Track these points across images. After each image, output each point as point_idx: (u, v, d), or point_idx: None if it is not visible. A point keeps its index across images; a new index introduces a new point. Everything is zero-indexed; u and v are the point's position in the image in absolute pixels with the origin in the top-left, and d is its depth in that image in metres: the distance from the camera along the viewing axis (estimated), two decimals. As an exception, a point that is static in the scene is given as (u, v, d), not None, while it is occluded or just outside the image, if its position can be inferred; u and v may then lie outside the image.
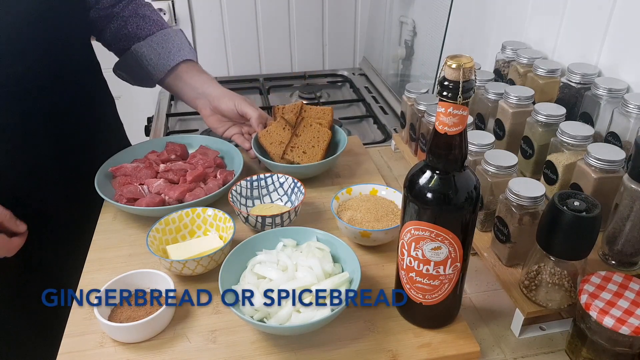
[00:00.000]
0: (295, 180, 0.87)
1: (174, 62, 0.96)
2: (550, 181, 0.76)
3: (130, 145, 1.07)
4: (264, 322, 0.64)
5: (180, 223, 0.80)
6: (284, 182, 0.89)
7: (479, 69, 1.02)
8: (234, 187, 0.86)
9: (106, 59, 1.02)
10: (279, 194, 0.89)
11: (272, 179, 0.89)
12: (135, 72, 0.99)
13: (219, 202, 0.88)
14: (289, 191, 0.88)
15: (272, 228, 0.79)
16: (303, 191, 0.85)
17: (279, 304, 0.64)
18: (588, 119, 0.79)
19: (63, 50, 0.83)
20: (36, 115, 0.81)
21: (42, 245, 0.87)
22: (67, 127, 0.87)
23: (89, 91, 0.94)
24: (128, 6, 0.97)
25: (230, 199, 0.83)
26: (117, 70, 1.01)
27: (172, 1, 1.68)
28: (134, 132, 1.56)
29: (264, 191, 0.89)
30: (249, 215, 0.79)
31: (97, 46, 1.00)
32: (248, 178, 0.88)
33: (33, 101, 0.80)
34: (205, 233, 0.81)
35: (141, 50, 0.96)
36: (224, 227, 0.79)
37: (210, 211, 0.81)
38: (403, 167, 1.08)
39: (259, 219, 0.79)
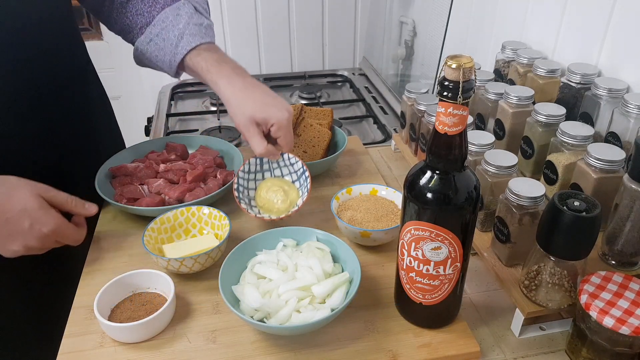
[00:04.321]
0: (304, 168, 0.84)
1: (179, 57, 0.85)
2: (550, 181, 0.76)
3: (125, 146, 1.07)
4: (264, 322, 0.64)
5: (175, 222, 0.80)
6: (294, 164, 0.86)
7: (479, 69, 1.02)
8: (241, 168, 0.84)
9: (104, 59, 1.02)
10: (289, 171, 0.87)
11: (282, 157, 0.85)
12: (153, 67, 0.91)
13: (219, 201, 0.88)
14: (299, 173, 0.86)
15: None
16: (309, 186, 0.83)
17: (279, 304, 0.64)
18: (588, 119, 0.79)
19: (53, 55, 0.82)
20: (31, 118, 0.80)
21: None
22: (64, 129, 0.86)
23: (84, 95, 0.93)
24: None
25: (235, 187, 0.83)
26: (139, 65, 0.95)
27: (172, 1, 1.68)
28: (134, 132, 1.56)
29: (274, 165, 0.86)
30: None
31: (94, 47, 0.99)
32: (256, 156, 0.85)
33: (28, 106, 0.79)
34: (200, 231, 0.82)
35: (144, 47, 0.88)
36: (220, 225, 0.79)
37: (205, 209, 0.81)
38: (403, 167, 1.08)
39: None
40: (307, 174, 0.84)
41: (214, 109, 1.53)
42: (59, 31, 0.83)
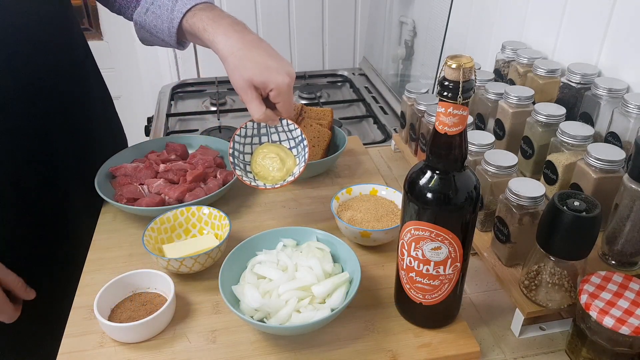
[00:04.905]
0: (304, 136, 0.81)
1: (176, 22, 0.81)
2: (550, 181, 0.76)
3: (127, 145, 1.07)
4: (264, 322, 0.64)
5: (175, 222, 0.80)
6: (293, 130, 0.82)
7: (479, 69, 1.02)
8: (238, 132, 0.81)
9: (104, 59, 1.01)
10: (287, 137, 0.83)
11: (281, 122, 0.82)
12: (156, 42, 0.88)
13: (219, 201, 0.88)
14: (297, 140, 0.83)
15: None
16: (306, 155, 0.79)
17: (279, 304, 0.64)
18: (588, 119, 0.79)
19: (50, 49, 0.81)
20: (27, 114, 0.80)
21: (42, 246, 0.87)
22: (62, 128, 0.86)
23: (82, 90, 0.92)
24: None
25: (230, 151, 0.80)
26: (144, 44, 0.92)
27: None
28: (134, 132, 1.56)
29: (272, 129, 0.83)
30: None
31: (94, 47, 0.98)
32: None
33: (24, 102, 0.78)
34: (200, 231, 0.82)
35: (141, 19, 0.84)
36: (220, 225, 0.79)
37: (205, 209, 0.81)
38: (403, 167, 1.08)
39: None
40: (305, 142, 0.80)
41: (214, 109, 1.53)
42: (56, 25, 0.83)
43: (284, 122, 0.81)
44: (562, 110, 0.78)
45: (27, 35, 0.77)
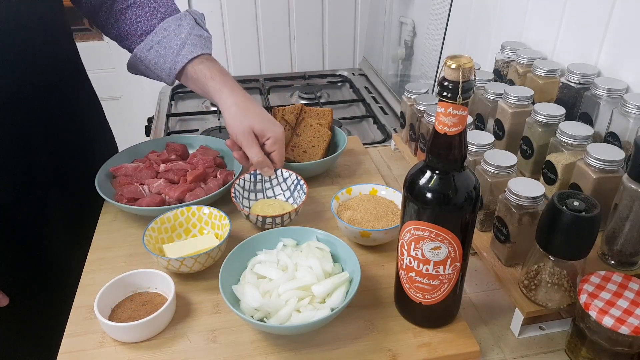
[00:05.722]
0: (299, 178, 0.88)
1: (180, 65, 0.87)
2: (549, 181, 0.76)
3: (117, 146, 1.06)
4: (264, 322, 0.64)
5: (175, 222, 0.80)
6: (287, 178, 0.89)
7: (479, 69, 1.02)
8: (237, 181, 0.86)
9: (104, 60, 1.01)
10: (282, 189, 0.89)
11: (275, 173, 0.89)
12: (148, 75, 0.93)
13: (219, 201, 0.88)
14: (292, 187, 0.88)
15: (272, 227, 0.80)
16: (305, 190, 0.85)
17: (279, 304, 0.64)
18: (587, 119, 0.79)
19: (43, 57, 0.81)
20: (22, 119, 0.79)
21: (42, 246, 0.87)
22: (54, 130, 0.85)
23: (74, 96, 0.92)
24: None
25: (233, 194, 0.83)
26: (131, 72, 0.96)
27: (172, 1, 1.68)
28: (134, 132, 1.57)
29: (267, 184, 0.89)
30: (249, 214, 0.79)
31: (95, 47, 0.98)
32: (252, 172, 0.88)
33: (18, 107, 0.78)
34: (200, 231, 0.82)
35: (143, 54, 0.89)
36: (220, 225, 0.79)
37: (205, 209, 0.81)
38: (403, 167, 1.08)
39: (260, 218, 0.79)
40: (302, 182, 0.87)
41: (214, 109, 1.53)
42: (49, 33, 0.82)
43: (278, 172, 0.89)
44: (561, 111, 0.79)
45: (21, 41, 0.76)
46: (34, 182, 0.84)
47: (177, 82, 0.92)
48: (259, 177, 0.89)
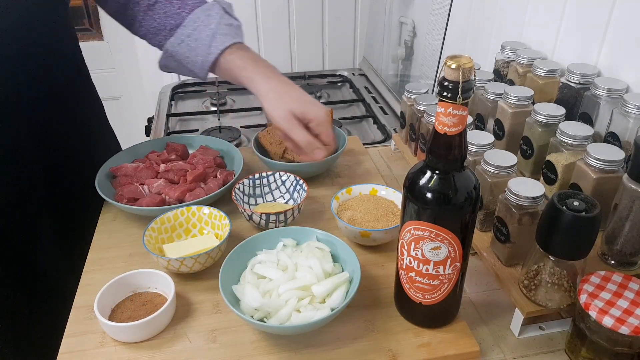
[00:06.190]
0: (297, 178, 0.88)
1: (213, 57, 0.85)
2: (549, 181, 0.76)
3: (120, 146, 1.06)
4: (264, 322, 0.64)
5: (175, 222, 0.80)
6: (286, 180, 0.89)
7: (479, 69, 1.02)
8: (237, 186, 0.86)
9: (105, 60, 1.00)
10: (281, 192, 0.90)
11: (274, 177, 0.89)
12: (181, 71, 0.91)
13: (219, 201, 0.88)
14: (291, 189, 0.89)
15: (275, 226, 0.80)
16: (305, 188, 0.85)
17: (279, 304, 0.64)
18: (587, 119, 0.79)
19: (47, 58, 0.80)
20: (24, 120, 0.78)
21: (43, 246, 0.87)
22: (57, 131, 0.85)
23: (77, 96, 0.91)
24: None
25: (234, 197, 0.84)
26: (163, 70, 0.94)
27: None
28: (134, 132, 1.57)
29: (266, 189, 0.90)
30: (252, 213, 0.80)
31: (95, 47, 0.97)
32: (250, 176, 0.88)
33: (21, 107, 0.77)
34: (200, 231, 0.82)
35: (174, 49, 0.87)
36: (220, 225, 0.80)
37: (205, 209, 0.81)
38: (403, 167, 1.08)
39: (263, 217, 0.79)
40: (301, 181, 0.87)
41: (214, 109, 1.53)
42: (54, 32, 0.82)
43: (277, 175, 0.89)
44: (561, 111, 0.79)
45: (25, 42, 0.75)
46: (25, 190, 0.82)
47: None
48: (257, 181, 0.89)
